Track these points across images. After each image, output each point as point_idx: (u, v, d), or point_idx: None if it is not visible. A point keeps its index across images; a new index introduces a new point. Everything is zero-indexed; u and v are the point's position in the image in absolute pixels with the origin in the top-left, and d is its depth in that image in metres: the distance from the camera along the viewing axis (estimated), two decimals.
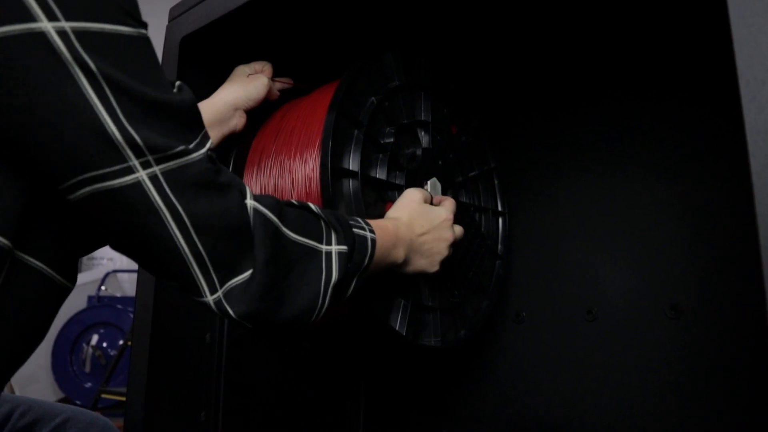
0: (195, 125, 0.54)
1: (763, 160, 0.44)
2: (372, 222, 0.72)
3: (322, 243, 0.62)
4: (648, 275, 0.99)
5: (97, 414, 0.88)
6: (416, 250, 0.79)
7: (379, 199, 0.88)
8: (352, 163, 0.85)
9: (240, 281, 0.55)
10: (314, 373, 1.19)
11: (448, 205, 0.89)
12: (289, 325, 0.59)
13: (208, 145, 0.54)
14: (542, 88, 1.17)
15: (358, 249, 0.66)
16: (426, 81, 1.00)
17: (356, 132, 0.86)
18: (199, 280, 0.54)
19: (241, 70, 0.98)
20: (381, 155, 0.89)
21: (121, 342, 3.31)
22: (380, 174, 0.88)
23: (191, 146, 0.52)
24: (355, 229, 0.67)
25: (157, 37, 1.13)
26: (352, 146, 0.86)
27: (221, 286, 0.54)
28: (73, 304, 3.62)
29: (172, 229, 0.51)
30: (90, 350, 3.50)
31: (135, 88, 0.48)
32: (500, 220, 1.12)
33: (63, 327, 3.56)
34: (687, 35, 0.99)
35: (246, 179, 0.96)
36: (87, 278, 3.81)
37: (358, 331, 1.05)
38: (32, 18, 0.44)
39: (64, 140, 0.46)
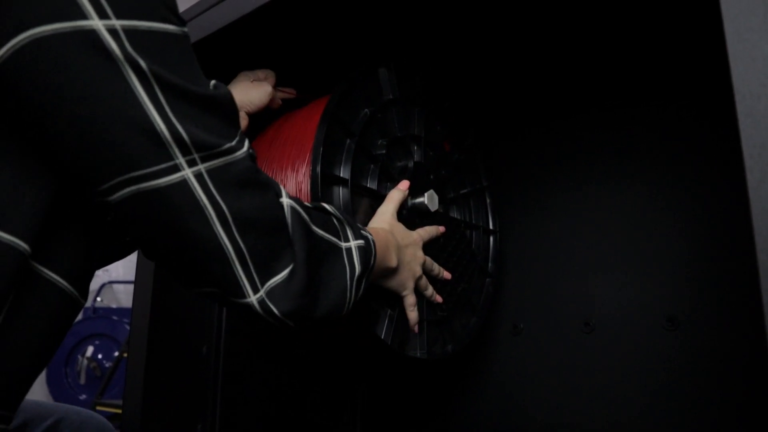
0: (234, 121, 0.54)
1: (759, 174, 0.45)
2: (369, 228, 0.73)
3: (341, 240, 0.63)
4: (645, 287, 1.00)
5: (91, 413, 0.86)
6: (402, 262, 0.80)
7: (369, 209, 0.88)
8: (343, 172, 0.85)
9: (280, 279, 0.54)
10: (311, 384, 1.18)
11: (422, 232, 0.90)
12: (325, 321, 0.60)
13: (247, 143, 0.55)
14: (536, 101, 1.18)
15: (370, 246, 0.67)
16: (420, 96, 1.01)
17: (348, 141, 0.87)
18: (241, 280, 0.53)
19: (245, 75, 0.98)
20: (372, 166, 0.90)
21: (116, 354, 3.30)
22: (371, 184, 0.89)
23: (234, 143, 0.52)
24: (362, 231, 0.68)
25: None
26: (344, 155, 0.86)
27: (262, 285, 0.53)
28: None
29: (216, 227, 0.50)
30: (85, 362, 3.48)
31: (182, 86, 0.48)
32: (491, 238, 1.13)
33: None
34: (683, 45, 1.00)
35: None
36: None
37: (350, 341, 1.04)
38: (83, 15, 0.44)
39: (111, 138, 0.46)
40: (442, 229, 0.95)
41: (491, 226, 1.13)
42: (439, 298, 0.92)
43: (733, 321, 0.90)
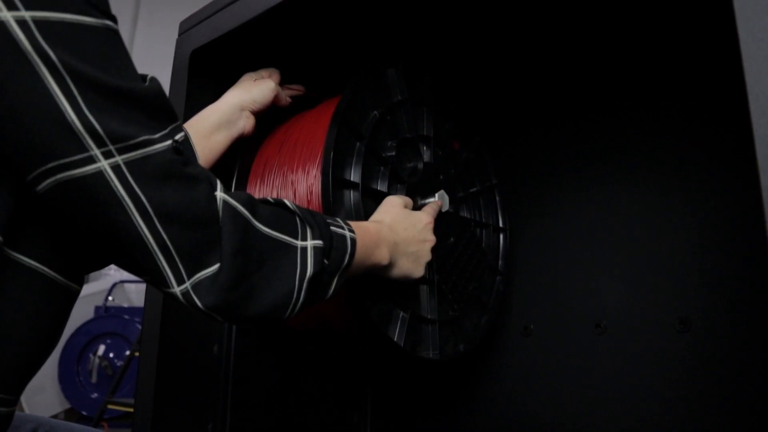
0: (161, 115, 0.54)
1: None
2: (353, 223, 0.72)
3: (297, 239, 0.62)
4: (656, 288, 0.99)
5: (69, 424, 0.83)
6: (401, 252, 0.80)
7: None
8: (354, 175, 0.85)
9: (208, 273, 0.54)
10: (320, 385, 1.18)
11: (428, 209, 0.90)
12: (262, 320, 0.59)
13: (177, 137, 0.54)
14: (546, 101, 1.17)
15: (336, 246, 0.66)
16: (428, 96, 1.01)
17: (358, 144, 0.87)
18: (165, 271, 0.53)
19: (248, 76, 0.98)
20: (382, 168, 0.90)
21: (127, 352, 3.32)
22: (381, 186, 0.89)
23: (156, 136, 0.52)
24: (333, 228, 0.67)
25: (167, 50, 1.14)
26: (354, 158, 0.86)
27: (189, 278, 0.53)
28: (80, 314, 3.63)
29: (136, 219, 0.50)
30: (97, 361, 3.51)
31: (97, 77, 0.48)
32: (501, 236, 1.13)
33: (70, 337, 3.57)
34: (694, 46, 0.99)
35: (249, 190, 0.96)
36: (94, 288, 3.83)
37: (361, 342, 1.05)
38: None
39: (26, 130, 0.46)
40: (439, 202, 0.94)
41: (501, 224, 1.13)
42: None
43: (745, 323, 0.90)
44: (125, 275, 4.00)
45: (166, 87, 1.03)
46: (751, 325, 0.89)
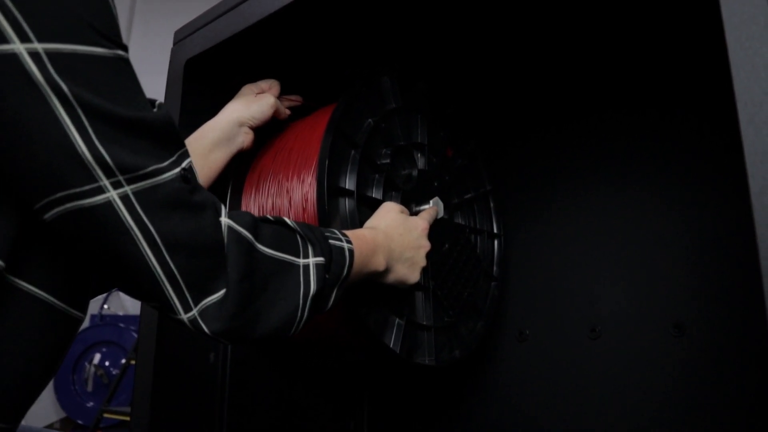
0: (170, 143, 0.54)
1: (762, 181, 0.45)
2: (349, 232, 0.73)
3: (299, 257, 0.63)
4: (651, 293, 1.00)
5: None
6: (396, 258, 0.80)
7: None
8: (349, 183, 0.86)
9: (214, 300, 0.55)
10: (318, 392, 1.18)
11: (425, 215, 0.90)
12: (269, 339, 0.60)
13: (184, 164, 0.55)
14: (539, 107, 1.18)
15: (335, 260, 0.66)
16: (423, 104, 1.02)
17: (353, 152, 0.87)
18: (172, 299, 0.54)
19: (248, 89, 0.97)
20: (377, 175, 0.90)
21: (123, 361, 3.30)
22: (376, 194, 0.89)
23: (164, 165, 0.52)
24: (331, 241, 0.67)
25: (162, 59, 1.15)
26: (349, 166, 0.87)
27: (195, 305, 0.54)
28: None
29: (144, 249, 0.51)
30: (92, 369, 3.49)
31: (107, 108, 0.48)
32: (495, 242, 1.13)
33: None
34: (685, 52, 1.00)
35: (244, 198, 0.97)
36: None
37: (357, 348, 1.05)
38: (5, 40, 0.45)
39: (36, 160, 0.47)
40: (435, 208, 0.95)
41: (495, 230, 1.14)
42: None
43: (739, 327, 0.90)
44: None
45: (161, 96, 1.04)
46: (745, 329, 0.89)
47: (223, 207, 0.58)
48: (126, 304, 3.94)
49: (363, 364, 1.27)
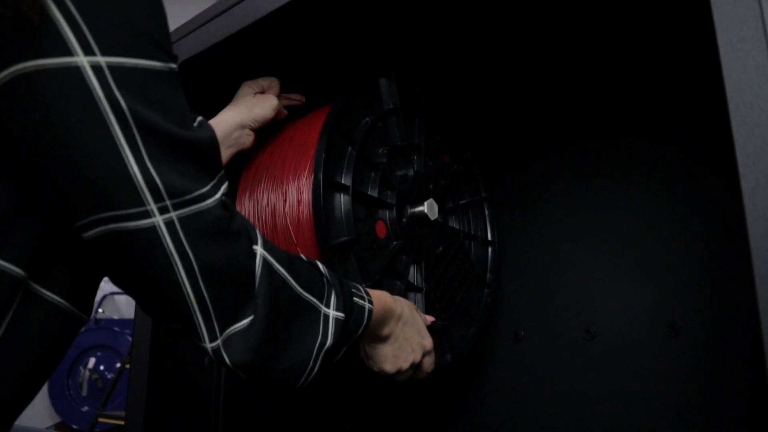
0: (213, 165, 0.53)
1: (754, 182, 0.45)
2: (372, 292, 0.71)
3: (322, 303, 0.62)
4: (645, 294, 1.00)
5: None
6: (396, 339, 0.77)
7: (369, 217, 0.88)
8: (345, 179, 0.86)
9: (239, 328, 0.54)
10: (313, 396, 1.18)
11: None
12: (278, 382, 0.59)
13: (223, 189, 0.54)
14: (534, 111, 1.18)
15: (354, 318, 0.65)
16: (420, 107, 1.02)
17: (350, 149, 0.87)
18: (200, 327, 0.53)
19: (248, 87, 0.97)
20: (373, 174, 0.90)
21: (118, 365, 3.29)
22: (372, 192, 0.89)
23: (206, 189, 0.51)
24: (355, 298, 0.66)
25: None
26: (345, 163, 0.87)
27: (221, 333, 0.53)
28: None
29: (181, 276, 0.50)
30: (87, 373, 3.48)
31: (162, 128, 0.47)
32: (489, 249, 1.13)
33: None
34: (678, 53, 1.00)
35: (240, 193, 0.97)
36: None
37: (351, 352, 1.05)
38: (69, 52, 0.43)
39: (85, 177, 0.45)
40: (431, 318, 0.89)
41: (490, 237, 1.14)
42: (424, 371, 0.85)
43: (733, 328, 0.90)
44: (115, 287, 3.97)
45: None
46: (739, 330, 0.90)
47: (259, 234, 0.57)
48: (121, 308, 3.93)
49: (357, 365, 1.27)
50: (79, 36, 0.44)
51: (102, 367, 3.52)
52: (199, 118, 0.55)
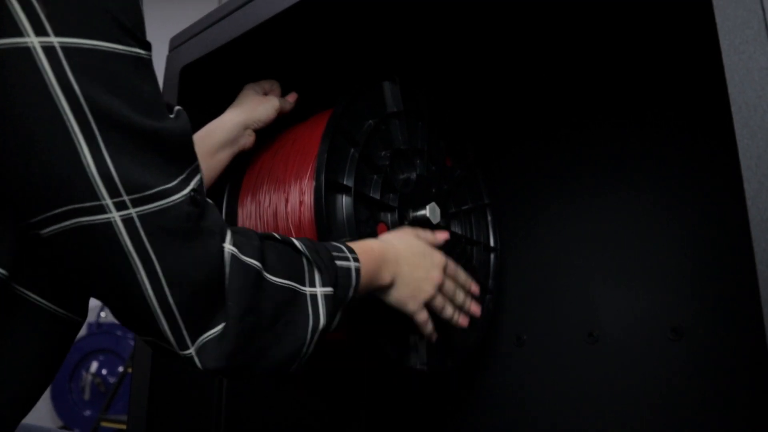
0: (182, 158, 0.50)
1: (757, 185, 0.45)
2: (356, 244, 0.69)
3: (305, 284, 0.58)
4: (648, 298, 0.99)
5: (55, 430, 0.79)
6: (403, 278, 0.75)
7: (371, 219, 0.88)
8: (347, 180, 0.85)
9: (212, 336, 0.50)
10: (315, 398, 1.18)
11: (442, 243, 0.85)
12: (270, 374, 0.56)
13: (194, 183, 0.50)
14: (536, 115, 1.18)
15: (342, 284, 0.62)
16: (423, 111, 1.02)
17: (352, 151, 0.87)
18: (167, 335, 0.48)
19: (251, 89, 0.98)
20: (375, 176, 0.90)
21: (120, 369, 3.29)
22: (374, 194, 0.89)
23: (173, 184, 0.47)
24: (338, 262, 0.63)
25: (158, 66, 1.15)
26: (348, 164, 0.87)
27: (193, 343, 0.49)
28: None
29: (143, 279, 0.46)
30: (89, 377, 3.48)
31: (123, 116, 0.44)
32: (492, 255, 1.13)
33: None
34: (679, 56, 1.00)
35: (242, 195, 0.97)
36: None
37: (352, 351, 1.05)
38: (19, 32, 0.41)
39: (37, 168, 0.42)
40: (442, 236, 0.87)
41: (492, 243, 1.13)
42: (463, 322, 0.84)
43: (737, 331, 0.90)
44: None
45: None
46: (743, 333, 0.89)
47: (229, 232, 0.53)
48: None
49: (358, 369, 1.27)
50: (31, 15, 0.41)
51: (104, 371, 3.52)
52: (177, 108, 0.52)
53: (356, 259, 0.66)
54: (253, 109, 0.94)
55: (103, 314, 3.78)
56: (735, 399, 0.88)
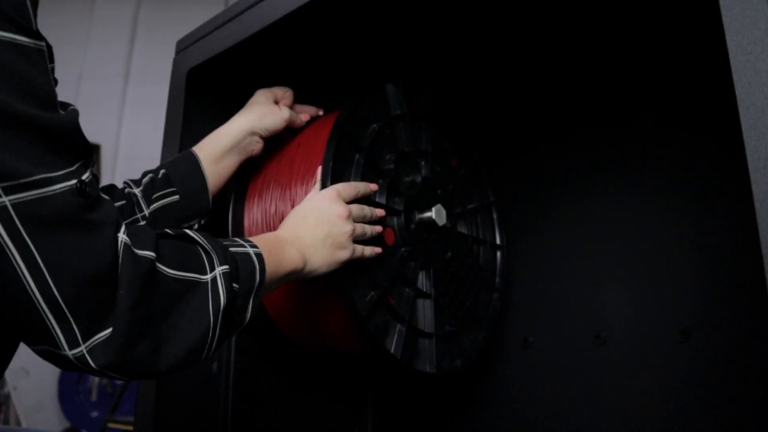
0: (70, 150, 0.48)
1: (765, 186, 0.45)
2: (251, 238, 0.67)
3: (204, 273, 0.56)
4: (656, 299, 0.99)
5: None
6: (311, 244, 0.72)
7: (378, 224, 0.88)
8: None
9: (106, 331, 0.47)
10: (321, 399, 1.18)
11: (336, 186, 0.80)
12: (175, 370, 0.53)
13: (84, 176, 0.48)
14: (543, 115, 1.18)
15: (242, 266, 0.60)
16: (427, 112, 1.02)
17: (357, 156, 0.88)
18: (56, 332, 0.46)
19: (262, 96, 0.96)
20: (381, 180, 0.90)
21: None
22: (380, 199, 0.89)
23: (56, 174, 0.45)
24: (232, 248, 0.61)
25: (164, 69, 1.15)
26: (353, 169, 0.87)
27: (84, 341, 0.46)
28: None
29: (21, 270, 0.44)
30: (97, 379, 3.49)
31: None
32: (498, 253, 1.12)
33: None
34: (687, 56, 1.00)
35: (248, 201, 0.97)
36: None
37: (359, 356, 1.05)
38: None
39: None
40: (373, 186, 0.85)
41: (498, 242, 1.13)
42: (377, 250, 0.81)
43: (744, 333, 0.89)
44: None
45: (163, 105, 1.04)
46: (751, 335, 0.89)
47: (124, 226, 0.51)
48: None
49: (366, 372, 1.27)
50: None
51: None
52: (72, 106, 0.51)
53: (253, 246, 0.64)
54: (262, 116, 0.93)
55: None
56: (742, 401, 0.88)
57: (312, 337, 0.95)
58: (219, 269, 0.58)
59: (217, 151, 0.89)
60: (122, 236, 0.50)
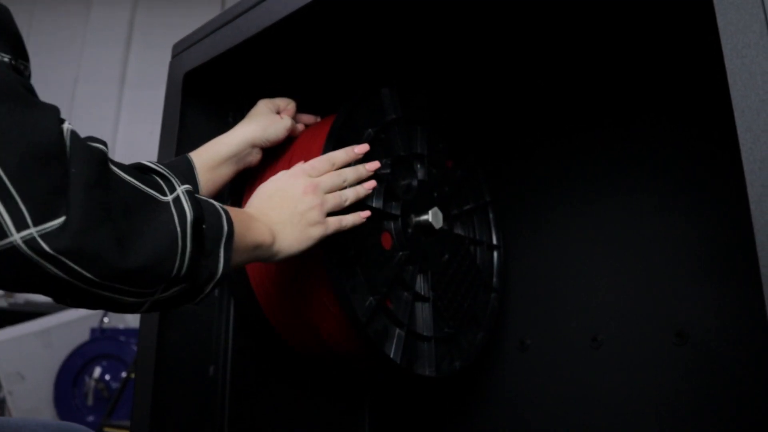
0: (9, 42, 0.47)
1: (760, 189, 0.45)
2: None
3: (165, 194, 0.54)
4: (653, 302, 0.99)
5: (67, 424, 0.73)
6: (281, 221, 0.70)
7: (375, 229, 0.88)
8: None
9: (59, 222, 0.44)
10: (319, 401, 1.18)
11: (309, 162, 0.78)
12: (147, 272, 0.49)
13: (19, 62, 0.47)
14: (538, 116, 1.18)
15: (208, 210, 0.58)
16: (423, 115, 1.02)
17: (353, 162, 0.88)
18: (1, 213, 0.42)
19: (265, 106, 0.95)
20: (377, 185, 0.90)
21: (123, 374, 3.29)
22: (376, 203, 0.89)
23: None
24: (198, 195, 0.59)
25: (161, 72, 1.15)
26: None
27: (36, 224, 0.43)
28: (76, 336, 3.61)
29: None
30: (92, 383, 3.48)
31: None
32: (495, 253, 1.13)
33: (65, 360, 3.54)
34: (683, 59, 1.00)
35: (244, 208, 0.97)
36: (89, 310, 3.79)
37: (359, 359, 1.05)
38: None
39: None
40: (359, 149, 0.83)
41: (495, 242, 1.13)
42: (368, 186, 0.81)
43: (742, 336, 0.90)
44: None
45: (159, 109, 1.04)
46: (747, 338, 0.89)
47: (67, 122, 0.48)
48: (126, 318, 3.93)
49: (364, 376, 1.27)
50: None
51: (107, 377, 3.51)
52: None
53: (223, 208, 0.62)
54: (264, 128, 0.92)
55: (106, 320, 3.78)
56: (739, 403, 0.88)
57: (310, 341, 0.95)
58: (181, 188, 0.55)
59: (215, 159, 0.89)
60: (67, 125, 0.47)
